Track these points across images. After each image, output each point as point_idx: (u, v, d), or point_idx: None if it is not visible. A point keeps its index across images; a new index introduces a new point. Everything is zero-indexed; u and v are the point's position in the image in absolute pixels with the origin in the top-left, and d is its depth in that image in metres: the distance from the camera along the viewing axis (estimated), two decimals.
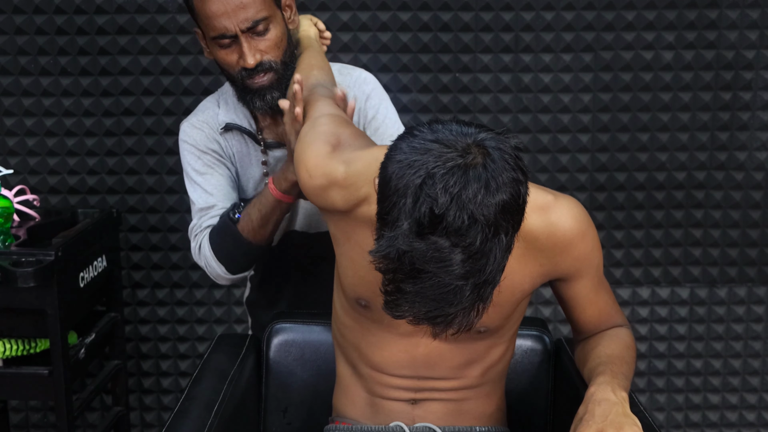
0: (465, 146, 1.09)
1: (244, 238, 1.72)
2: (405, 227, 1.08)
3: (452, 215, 1.06)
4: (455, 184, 1.06)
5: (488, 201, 1.07)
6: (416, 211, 1.07)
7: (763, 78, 2.58)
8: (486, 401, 1.55)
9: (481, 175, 1.07)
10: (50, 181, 2.64)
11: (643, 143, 2.62)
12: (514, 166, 1.10)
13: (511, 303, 1.41)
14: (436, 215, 1.06)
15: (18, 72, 2.56)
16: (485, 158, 1.09)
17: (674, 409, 2.79)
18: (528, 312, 2.70)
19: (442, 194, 1.06)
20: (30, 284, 1.91)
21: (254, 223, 1.72)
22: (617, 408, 1.28)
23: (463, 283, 1.08)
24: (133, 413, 2.78)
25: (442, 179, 1.06)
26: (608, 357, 1.40)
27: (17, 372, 2.04)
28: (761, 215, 2.67)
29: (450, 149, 1.09)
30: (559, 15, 2.54)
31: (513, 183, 1.09)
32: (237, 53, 1.70)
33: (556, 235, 1.35)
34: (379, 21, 2.54)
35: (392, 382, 1.51)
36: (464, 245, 1.06)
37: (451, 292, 1.09)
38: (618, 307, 1.52)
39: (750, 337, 2.75)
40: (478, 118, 2.59)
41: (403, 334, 1.45)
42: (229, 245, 1.74)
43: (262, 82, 1.72)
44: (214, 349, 1.77)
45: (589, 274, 1.44)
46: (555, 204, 1.36)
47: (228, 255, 1.75)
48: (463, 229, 1.06)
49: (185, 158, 1.84)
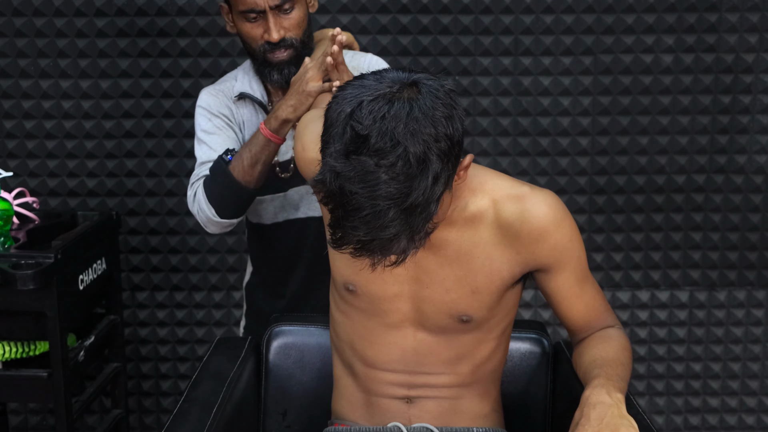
0: (398, 82, 1.20)
1: (235, 178, 1.80)
2: (335, 149, 1.17)
3: (375, 136, 1.15)
4: (380, 109, 1.16)
5: (412, 127, 1.15)
6: (345, 134, 1.17)
7: (763, 81, 2.59)
8: (481, 401, 1.56)
9: (406, 105, 1.17)
10: (50, 184, 2.64)
11: (642, 146, 2.62)
12: (445, 103, 1.19)
13: (491, 291, 1.43)
14: (361, 136, 1.15)
15: (18, 74, 2.57)
16: (415, 93, 1.19)
17: (673, 413, 2.79)
18: (527, 315, 2.70)
19: (367, 117, 1.16)
20: (29, 287, 1.91)
21: (244, 163, 1.80)
22: (613, 410, 1.28)
23: (389, 204, 1.15)
24: (133, 416, 2.78)
25: (368, 105, 1.17)
26: (603, 360, 1.40)
27: (16, 374, 2.04)
28: (761, 218, 2.67)
29: (383, 84, 1.20)
30: (558, 18, 2.54)
31: (441, 118, 1.18)
32: (262, 28, 1.83)
33: (530, 221, 1.39)
34: (379, 24, 2.54)
35: (385, 377, 1.53)
36: (387, 165, 1.14)
37: (378, 214, 1.16)
38: (609, 307, 1.53)
39: (749, 341, 2.75)
40: (478, 120, 2.60)
41: (390, 325, 1.49)
42: (220, 186, 1.82)
43: (282, 57, 1.85)
44: (214, 351, 1.77)
45: (570, 265, 1.44)
46: (530, 194, 1.40)
47: (219, 197, 1.83)
48: (386, 149, 1.14)
49: (197, 121, 1.95)
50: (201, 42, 2.55)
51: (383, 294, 1.46)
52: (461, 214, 1.40)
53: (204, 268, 2.70)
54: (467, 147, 2.61)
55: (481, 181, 1.42)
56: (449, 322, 1.46)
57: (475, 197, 1.40)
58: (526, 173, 2.62)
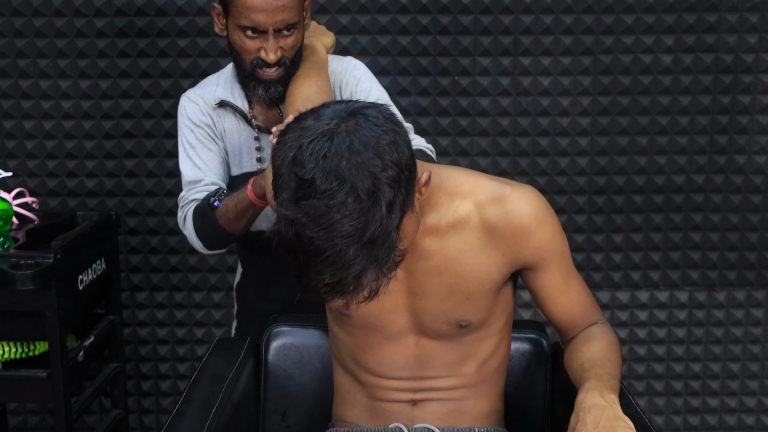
0: (336, 116, 1.18)
1: (220, 225, 1.81)
2: (284, 198, 1.16)
3: (320, 178, 1.13)
4: (320, 149, 1.14)
5: (355, 160, 1.14)
6: (291, 180, 1.15)
7: (762, 81, 2.59)
8: (484, 402, 1.56)
9: (346, 139, 1.15)
10: (49, 184, 2.64)
11: (642, 146, 2.62)
12: (386, 130, 1.18)
13: (483, 294, 1.43)
14: (305, 180, 1.14)
15: (17, 75, 2.56)
16: (354, 126, 1.17)
17: (673, 413, 2.79)
18: (526, 315, 2.70)
19: (309, 160, 1.14)
20: (29, 287, 1.91)
21: (230, 215, 1.80)
22: (608, 412, 1.28)
23: (347, 242, 1.13)
24: (132, 416, 2.78)
25: (308, 147, 1.15)
26: (590, 361, 1.40)
27: (16, 375, 2.04)
28: (760, 219, 2.67)
29: (321, 122, 1.18)
30: (558, 18, 2.54)
31: (384, 145, 1.16)
32: (259, 44, 1.78)
33: (513, 222, 1.38)
34: (378, 24, 2.54)
35: (391, 384, 1.53)
36: (337, 204, 1.12)
37: (339, 254, 1.14)
38: (595, 303, 1.53)
39: (749, 341, 2.75)
40: (477, 121, 2.60)
41: (390, 337, 1.48)
42: (208, 228, 1.83)
43: (271, 75, 1.82)
44: (213, 352, 1.77)
45: (555, 262, 1.44)
46: (511, 193, 1.40)
47: (206, 235, 1.85)
48: (333, 189, 1.13)
49: (181, 130, 1.94)
50: (200, 42, 2.55)
51: (380, 310, 1.45)
52: (443, 221, 1.39)
53: (203, 268, 2.70)
54: (467, 147, 2.61)
55: (455, 184, 1.41)
56: (449, 329, 1.46)
57: (454, 202, 1.40)
58: (526, 173, 2.62)
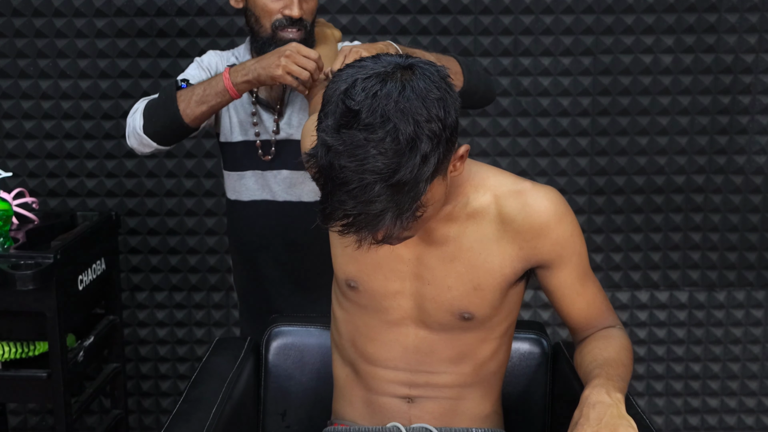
0: (394, 63, 1.23)
1: (177, 104, 1.82)
2: (327, 124, 1.20)
3: (366, 111, 1.17)
4: (373, 87, 1.18)
5: (403, 105, 1.17)
6: (338, 109, 1.19)
7: (762, 82, 2.59)
8: (482, 402, 1.56)
9: (399, 84, 1.19)
10: (49, 184, 2.64)
11: (642, 147, 2.62)
12: (439, 87, 1.21)
13: (491, 287, 1.43)
14: (352, 111, 1.17)
15: (17, 75, 2.57)
16: (409, 75, 1.21)
17: (673, 413, 2.79)
18: (526, 315, 2.70)
19: (359, 94, 1.18)
20: (29, 287, 1.91)
21: (194, 98, 1.81)
22: (612, 410, 1.28)
23: (375, 178, 1.16)
24: (132, 416, 2.78)
25: (362, 83, 1.19)
26: (604, 360, 1.40)
27: (16, 375, 2.04)
28: (760, 219, 2.67)
29: (379, 64, 1.23)
30: (558, 18, 2.54)
31: (433, 100, 1.19)
32: (282, 3, 1.84)
33: (531, 216, 1.40)
34: (379, 24, 2.54)
35: (387, 375, 1.53)
36: (376, 140, 1.16)
37: (365, 188, 1.17)
38: (610, 306, 1.53)
39: (749, 341, 2.75)
40: (477, 121, 2.60)
41: (391, 323, 1.49)
42: (161, 104, 1.84)
43: (293, 36, 1.86)
44: (213, 352, 1.77)
45: (572, 262, 1.44)
46: (532, 189, 1.42)
47: (153, 112, 1.86)
48: (376, 125, 1.16)
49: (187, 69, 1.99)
50: (200, 42, 2.55)
51: (385, 291, 1.46)
52: (463, 210, 1.41)
53: (203, 268, 2.70)
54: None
55: (483, 177, 1.43)
56: (450, 320, 1.46)
57: (477, 193, 1.41)
58: (526, 174, 2.62)
